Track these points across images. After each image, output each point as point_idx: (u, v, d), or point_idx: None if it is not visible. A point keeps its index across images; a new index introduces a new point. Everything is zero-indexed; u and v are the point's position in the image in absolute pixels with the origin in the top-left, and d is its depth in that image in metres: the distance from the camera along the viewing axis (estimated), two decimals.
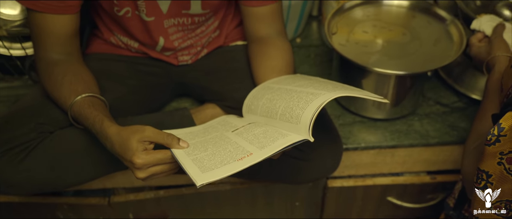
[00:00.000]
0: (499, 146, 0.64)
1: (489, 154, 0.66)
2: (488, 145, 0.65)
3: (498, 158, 0.66)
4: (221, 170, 0.63)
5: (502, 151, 0.65)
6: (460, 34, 1.03)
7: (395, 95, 1.04)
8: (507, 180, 0.66)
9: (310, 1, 1.31)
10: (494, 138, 0.63)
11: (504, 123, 0.62)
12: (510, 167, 0.65)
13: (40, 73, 0.87)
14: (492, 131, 0.63)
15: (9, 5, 0.98)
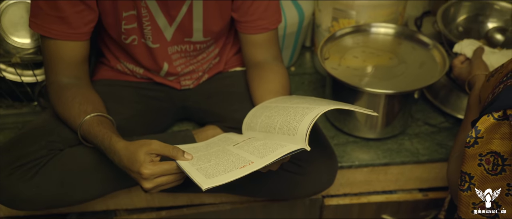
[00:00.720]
0: (478, 148, 0.70)
1: (469, 156, 0.71)
2: (468, 147, 0.71)
3: (478, 159, 0.71)
4: (225, 176, 0.68)
5: (481, 153, 0.70)
6: (442, 57, 1.11)
7: (385, 115, 1.11)
8: (488, 180, 0.72)
9: (303, 32, 1.40)
10: (472, 140, 0.69)
11: (481, 126, 0.68)
12: (489, 167, 0.71)
13: (51, 95, 0.93)
14: (470, 134, 0.70)
15: (23, 34, 1.05)
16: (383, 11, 1.25)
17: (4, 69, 1.07)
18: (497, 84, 0.73)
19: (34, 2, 0.88)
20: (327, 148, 0.98)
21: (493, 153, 0.70)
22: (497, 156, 0.70)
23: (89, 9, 0.91)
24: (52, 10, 0.88)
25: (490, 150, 0.69)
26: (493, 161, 0.70)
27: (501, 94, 0.68)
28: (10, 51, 1.03)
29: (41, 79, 1.09)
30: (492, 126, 0.68)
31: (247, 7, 0.99)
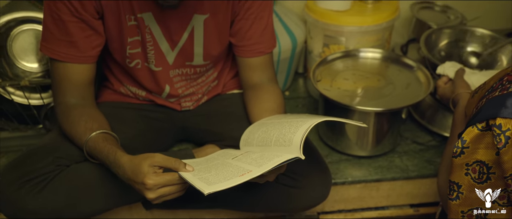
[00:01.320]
0: (464, 158, 0.73)
1: (457, 165, 0.75)
2: (455, 157, 0.74)
3: (465, 169, 0.74)
4: (225, 183, 0.70)
5: (467, 162, 0.74)
6: (426, 78, 1.16)
7: (375, 133, 1.14)
8: (477, 187, 0.75)
9: (296, 58, 1.45)
10: (459, 150, 0.73)
11: (466, 136, 0.72)
12: (475, 176, 0.74)
13: (58, 115, 0.95)
14: (457, 144, 0.73)
15: (31, 59, 1.09)
16: (370, 37, 1.31)
17: (12, 93, 1.09)
18: (480, 99, 0.78)
19: (46, 28, 0.92)
20: (321, 163, 1.01)
21: (479, 162, 0.73)
22: (482, 165, 0.73)
23: (97, 34, 0.95)
24: (63, 35, 0.91)
25: (476, 159, 0.73)
26: (479, 170, 0.74)
27: (483, 107, 0.72)
28: (19, 75, 1.06)
29: (48, 102, 1.12)
30: (476, 136, 0.71)
31: (244, 32, 1.04)
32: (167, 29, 0.99)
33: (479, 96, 0.80)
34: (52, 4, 0.89)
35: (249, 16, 1.03)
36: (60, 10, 0.89)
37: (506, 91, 0.69)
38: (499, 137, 0.67)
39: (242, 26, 1.04)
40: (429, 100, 1.28)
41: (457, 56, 1.29)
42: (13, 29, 1.08)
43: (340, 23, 1.28)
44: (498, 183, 0.73)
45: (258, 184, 0.95)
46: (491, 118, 0.69)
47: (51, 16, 0.90)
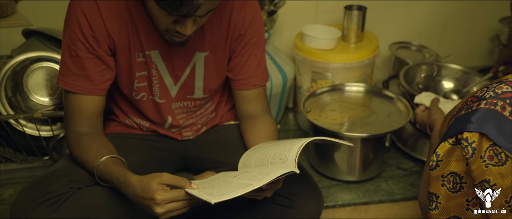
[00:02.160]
0: (439, 170, 0.82)
1: (433, 177, 0.83)
2: (431, 170, 0.83)
3: (441, 180, 0.83)
4: (229, 194, 0.77)
5: (442, 174, 0.82)
6: (406, 107, 1.26)
7: (362, 159, 1.23)
8: (451, 197, 0.83)
9: (287, 94, 1.55)
10: (434, 163, 0.82)
11: (439, 151, 0.81)
12: (450, 186, 0.83)
13: (70, 142, 1.02)
14: (432, 158, 0.82)
15: (44, 93, 1.17)
16: (354, 73, 1.42)
17: (24, 125, 1.16)
18: (450, 119, 0.87)
19: (64, 64, 1.01)
20: (313, 184, 1.08)
21: (452, 173, 0.82)
22: (455, 176, 0.81)
23: (108, 69, 1.04)
24: (79, 70, 1.00)
25: (450, 171, 0.82)
26: (453, 180, 0.82)
27: (452, 125, 0.82)
28: (33, 108, 1.14)
29: (57, 133, 1.18)
30: (448, 150, 0.80)
31: (240, 67, 1.14)
32: (171, 65, 1.09)
33: (450, 118, 0.90)
34: (71, 43, 0.99)
35: (245, 53, 1.13)
36: (78, 48, 0.99)
37: (470, 109, 0.79)
38: (467, 148, 0.77)
39: (238, 62, 1.14)
40: (411, 130, 1.38)
41: (433, 88, 1.41)
42: (28, 67, 1.17)
43: (327, 60, 1.40)
44: (470, 191, 0.81)
45: (256, 204, 1.01)
46: (459, 132, 0.78)
47: (69, 53, 1.00)
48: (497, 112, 0.75)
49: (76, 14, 0.97)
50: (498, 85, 0.78)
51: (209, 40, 1.09)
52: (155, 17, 0.95)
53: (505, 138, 0.75)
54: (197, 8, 0.84)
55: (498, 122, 0.75)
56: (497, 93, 0.77)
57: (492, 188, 0.77)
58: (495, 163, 0.76)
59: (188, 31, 0.93)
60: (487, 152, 0.76)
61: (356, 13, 1.45)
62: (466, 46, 1.81)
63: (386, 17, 1.70)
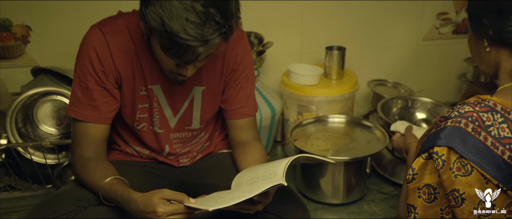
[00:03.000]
0: (415, 183, 0.89)
1: (411, 190, 0.90)
2: (408, 183, 0.90)
3: (417, 192, 0.90)
4: (225, 203, 0.83)
5: (418, 187, 0.89)
6: (383, 135, 1.35)
7: (345, 183, 1.29)
8: (427, 207, 0.89)
9: (275, 126, 1.63)
10: (411, 176, 0.89)
11: (415, 165, 0.89)
12: (425, 197, 0.89)
13: (76, 166, 1.07)
14: (409, 172, 0.89)
15: (51, 124, 1.22)
16: (336, 106, 1.51)
17: (32, 153, 1.20)
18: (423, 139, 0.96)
19: (74, 95, 1.07)
20: (300, 203, 1.13)
21: (427, 185, 0.89)
22: (430, 187, 0.89)
23: (114, 100, 1.11)
24: (88, 100, 1.07)
25: (424, 183, 0.89)
26: (428, 192, 0.89)
27: (425, 142, 0.90)
28: (41, 137, 1.19)
29: (62, 161, 1.23)
30: (422, 164, 0.88)
31: (232, 98, 1.22)
32: (172, 99, 1.16)
33: (422, 139, 0.99)
34: (82, 76, 1.06)
35: (237, 85, 1.21)
36: (88, 80, 1.06)
37: (439, 128, 0.87)
38: (437, 161, 0.84)
39: (231, 94, 1.22)
40: (390, 157, 1.46)
41: (408, 119, 1.50)
42: (38, 100, 1.23)
43: (311, 94, 1.49)
44: (443, 201, 0.88)
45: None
46: (430, 147, 0.86)
47: (80, 85, 1.06)
48: (461, 128, 0.84)
49: (88, 50, 1.05)
50: (461, 106, 0.87)
51: (206, 76, 1.17)
52: (160, 61, 1.03)
53: (469, 150, 0.83)
54: (198, 56, 0.93)
55: (463, 137, 0.83)
56: (460, 113, 0.85)
57: (461, 196, 0.84)
58: (463, 174, 0.84)
59: (189, 73, 1.01)
60: (455, 164, 0.84)
61: (336, 53, 1.56)
62: (437, 83, 1.94)
63: (364, 57, 1.82)
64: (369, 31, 1.80)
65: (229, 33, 0.93)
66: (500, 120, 0.83)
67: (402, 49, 1.87)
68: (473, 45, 1.00)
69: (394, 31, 1.83)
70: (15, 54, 1.60)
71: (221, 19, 0.89)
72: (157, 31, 0.89)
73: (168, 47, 0.91)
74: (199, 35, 0.87)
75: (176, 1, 0.86)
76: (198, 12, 0.87)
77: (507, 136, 0.82)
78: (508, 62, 0.91)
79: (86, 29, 1.08)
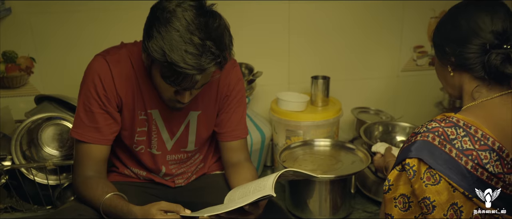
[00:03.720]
0: (391, 193, 0.97)
1: (387, 200, 0.98)
2: (385, 193, 0.98)
3: (394, 202, 0.98)
4: (218, 211, 0.90)
5: (394, 196, 0.97)
6: (366, 156, 1.43)
7: (331, 201, 1.37)
8: (403, 215, 0.97)
9: (265, 151, 1.71)
10: (387, 187, 0.97)
11: (390, 177, 0.97)
12: (401, 206, 0.97)
13: (78, 185, 1.13)
14: (385, 183, 0.98)
15: (54, 146, 1.29)
16: (322, 130, 1.61)
17: (35, 174, 1.26)
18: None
19: (78, 117, 1.15)
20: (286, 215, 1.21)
21: (402, 195, 0.97)
22: (404, 197, 0.97)
23: (115, 123, 1.19)
24: (91, 123, 1.14)
25: (399, 193, 0.97)
26: (403, 201, 0.97)
27: (398, 156, 0.98)
28: (45, 158, 1.25)
29: (63, 182, 1.29)
30: (396, 176, 0.96)
31: (225, 122, 1.30)
32: (169, 123, 1.24)
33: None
34: (86, 100, 1.14)
35: (229, 110, 1.30)
36: (92, 104, 1.14)
37: (410, 142, 0.96)
38: (409, 171, 0.93)
39: (224, 118, 1.31)
40: (373, 178, 1.54)
41: (389, 141, 1.60)
42: (42, 125, 1.30)
43: (298, 120, 1.59)
44: (416, 209, 0.95)
45: None
46: (403, 160, 0.95)
47: (84, 109, 1.15)
48: (429, 142, 0.93)
49: (92, 77, 1.14)
50: (429, 123, 0.96)
51: (201, 101, 1.26)
52: (159, 89, 1.11)
53: (437, 161, 0.92)
54: (195, 83, 1.02)
55: (431, 150, 0.93)
56: (428, 128, 0.95)
57: (432, 204, 0.92)
58: (432, 183, 0.92)
59: (186, 100, 1.10)
60: (425, 174, 0.92)
61: (321, 81, 1.67)
62: (416, 110, 2.05)
63: (348, 86, 1.93)
64: (352, 63, 1.92)
65: (224, 63, 1.03)
66: (463, 134, 0.93)
67: (383, 79, 1.99)
68: (439, 71, 1.11)
69: (375, 62, 1.95)
70: (19, 84, 1.69)
71: (216, 50, 0.98)
72: (158, 61, 0.99)
73: (168, 75, 1.00)
74: (197, 65, 0.96)
75: (176, 35, 0.96)
76: (196, 44, 0.96)
77: (469, 148, 0.92)
78: (469, 84, 1.02)
79: (86, 60, 1.17)
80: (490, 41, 0.95)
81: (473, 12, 0.99)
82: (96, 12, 1.65)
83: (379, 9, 1.86)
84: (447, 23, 1.04)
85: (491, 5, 0.99)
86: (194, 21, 0.96)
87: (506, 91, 0.99)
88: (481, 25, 0.96)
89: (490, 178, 0.92)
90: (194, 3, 0.99)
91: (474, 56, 0.97)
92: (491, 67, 0.95)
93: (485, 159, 0.91)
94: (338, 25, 1.85)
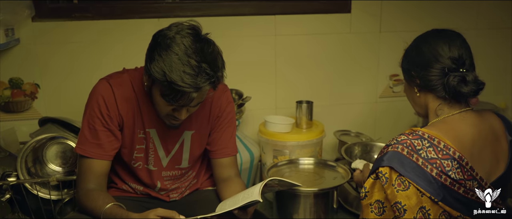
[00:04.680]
0: (367, 199, 1.06)
1: (364, 206, 1.07)
2: (362, 200, 1.07)
3: (370, 208, 1.06)
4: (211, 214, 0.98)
5: (370, 202, 1.06)
6: (346, 172, 1.53)
7: (315, 213, 1.44)
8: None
9: (254, 170, 1.79)
10: (363, 194, 1.06)
11: (366, 185, 1.06)
12: (376, 211, 1.06)
13: (80, 197, 1.20)
14: (362, 191, 1.07)
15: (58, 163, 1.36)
16: (306, 150, 1.70)
17: (39, 190, 1.32)
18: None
19: (82, 135, 1.23)
20: None
21: (377, 201, 1.06)
22: (379, 202, 1.06)
23: (116, 140, 1.26)
24: (94, 139, 1.22)
25: (375, 199, 1.06)
26: (378, 206, 1.06)
27: (373, 165, 1.08)
28: (49, 174, 1.32)
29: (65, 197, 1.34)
30: (372, 183, 1.06)
31: (216, 140, 1.39)
32: (165, 141, 1.33)
33: None
34: (90, 119, 1.22)
35: (220, 129, 1.39)
36: (96, 123, 1.22)
37: (383, 153, 1.06)
38: (382, 178, 1.02)
39: (215, 136, 1.39)
40: (354, 193, 1.62)
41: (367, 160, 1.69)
42: (46, 144, 1.37)
43: (285, 140, 1.68)
44: (390, 213, 1.04)
45: None
46: (376, 169, 1.05)
47: (88, 127, 1.23)
48: (399, 152, 1.03)
49: (97, 98, 1.23)
50: (399, 136, 1.07)
51: (195, 122, 1.35)
52: (158, 107, 1.20)
53: (406, 169, 1.01)
54: (191, 100, 1.12)
55: (400, 159, 1.03)
56: (398, 140, 1.05)
57: (403, 208, 1.01)
58: (402, 189, 1.02)
59: (183, 116, 1.19)
60: (396, 180, 1.02)
61: (305, 105, 1.78)
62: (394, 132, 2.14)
63: (330, 111, 2.05)
64: (334, 89, 2.05)
65: (217, 82, 1.13)
66: (427, 145, 1.03)
67: (362, 104, 2.11)
68: (408, 92, 1.23)
69: (355, 89, 2.08)
70: (23, 108, 1.76)
71: (211, 71, 1.09)
72: (159, 81, 1.09)
73: (168, 93, 1.10)
74: (194, 84, 1.07)
75: (175, 58, 1.06)
76: (193, 66, 1.06)
77: (433, 157, 1.02)
78: (433, 103, 1.13)
79: (87, 87, 1.27)
80: (448, 66, 1.08)
81: (433, 41, 1.12)
82: (89, 44, 1.77)
83: (358, 42, 2.01)
84: (412, 50, 1.17)
85: (449, 35, 1.13)
86: (191, 46, 1.07)
87: (464, 109, 1.10)
88: (440, 52, 1.09)
89: (453, 184, 1.02)
90: (191, 31, 1.10)
91: (436, 79, 1.09)
92: (450, 87, 1.07)
93: (448, 166, 1.01)
94: (320, 55, 1.98)
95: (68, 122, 1.52)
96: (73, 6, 1.74)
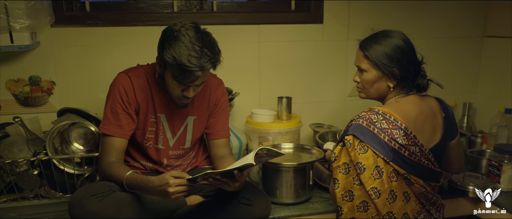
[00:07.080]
0: (336, 162, 1.32)
1: (334, 168, 1.33)
2: (332, 162, 1.33)
3: (338, 169, 1.32)
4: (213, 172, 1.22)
5: (338, 165, 1.33)
6: (319, 152, 1.79)
7: (295, 187, 1.69)
8: (344, 179, 1.31)
9: (242, 155, 2.03)
10: (334, 157, 1.33)
11: (336, 150, 1.33)
12: (343, 172, 1.32)
13: (103, 168, 1.42)
14: (332, 155, 1.33)
15: (80, 143, 1.57)
16: (287, 137, 1.96)
17: (65, 165, 1.53)
18: None
19: (106, 117, 1.45)
20: (264, 194, 1.52)
21: (344, 163, 1.32)
22: (345, 164, 1.32)
23: (133, 122, 1.49)
24: (115, 121, 1.45)
25: (342, 162, 1.32)
26: (344, 167, 1.32)
27: (341, 135, 1.35)
28: (73, 152, 1.53)
29: (86, 172, 1.55)
30: (340, 149, 1.32)
31: (213, 124, 1.63)
32: (172, 125, 1.56)
33: None
34: (112, 104, 1.45)
35: (217, 115, 1.64)
36: (117, 107, 1.45)
37: (348, 126, 1.34)
38: (347, 144, 1.29)
39: (212, 121, 1.64)
40: (327, 172, 1.89)
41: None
42: (69, 128, 1.58)
43: (268, 128, 1.94)
44: (353, 172, 1.30)
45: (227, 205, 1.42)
46: (343, 137, 1.32)
47: (111, 110, 1.45)
48: (360, 124, 1.31)
49: (118, 87, 1.46)
50: (361, 113, 1.35)
51: (197, 109, 1.60)
52: (170, 88, 1.44)
53: (365, 137, 1.29)
54: (197, 78, 1.37)
55: (361, 130, 1.30)
56: (359, 116, 1.33)
57: (363, 166, 1.28)
58: (363, 152, 1.29)
59: (191, 94, 1.43)
60: (357, 146, 1.29)
61: (285, 100, 2.05)
62: None
63: (307, 107, 2.31)
64: (309, 88, 2.32)
65: (216, 63, 1.37)
66: (381, 118, 1.32)
67: (333, 102, 2.39)
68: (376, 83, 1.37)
69: (327, 89, 2.35)
70: (40, 102, 1.95)
71: (211, 54, 1.34)
72: (170, 65, 1.33)
73: (177, 74, 1.34)
74: (198, 63, 1.31)
75: (182, 45, 1.30)
76: (197, 50, 1.31)
77: (385, 127, 1.30)
78: (395, 92, 1.39)
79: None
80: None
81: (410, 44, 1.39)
82: (99, 47, 1.98)
83: (330, 48, 2.29)
84: (396, 53, 1.39)
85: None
86: (194, 36, 1.32)
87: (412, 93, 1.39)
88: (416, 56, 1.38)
89: (400, 148, 1.30)
90: (193, 25, 1.35)
91: (412, 75, 1.36)
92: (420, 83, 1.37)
93: (396, 134, 1.30)
94: (298, 59, 2.26)
95: (83, 110, 1.73)
96: (86, 14, 1.96)
